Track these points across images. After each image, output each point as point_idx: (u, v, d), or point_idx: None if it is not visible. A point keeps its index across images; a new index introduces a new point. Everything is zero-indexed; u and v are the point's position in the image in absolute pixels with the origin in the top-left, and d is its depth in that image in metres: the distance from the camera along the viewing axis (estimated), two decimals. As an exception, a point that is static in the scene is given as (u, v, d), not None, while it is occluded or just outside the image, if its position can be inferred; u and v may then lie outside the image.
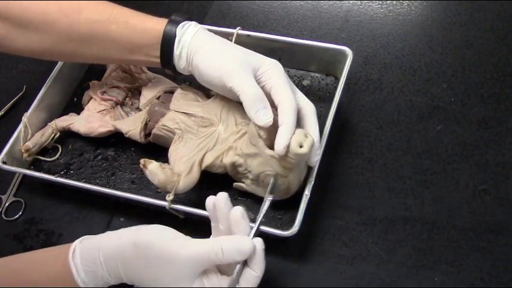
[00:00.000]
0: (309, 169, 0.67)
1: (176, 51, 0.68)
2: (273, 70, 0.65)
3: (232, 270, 0.55)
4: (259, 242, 0.55)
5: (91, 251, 0.57)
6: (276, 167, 0.64)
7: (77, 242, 0.58)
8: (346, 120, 0.78)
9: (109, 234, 0.58)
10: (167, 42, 0.68)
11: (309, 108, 0.66)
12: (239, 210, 0.55)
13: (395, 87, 0.80)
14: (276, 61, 0.66)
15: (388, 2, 0.90)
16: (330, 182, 0.73)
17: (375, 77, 0.82)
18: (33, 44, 0.72)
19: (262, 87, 0.65)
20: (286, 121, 0.61)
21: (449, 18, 0.87)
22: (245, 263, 0.55)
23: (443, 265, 0.65)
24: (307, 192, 0.65)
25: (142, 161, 0.68)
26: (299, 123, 0.65)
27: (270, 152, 0.63)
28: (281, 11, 0.92)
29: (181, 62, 0.69)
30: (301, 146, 0.61)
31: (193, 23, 0.69)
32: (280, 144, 0.60)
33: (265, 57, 0.67)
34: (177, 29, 0.67)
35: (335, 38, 0.86)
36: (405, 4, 0.90)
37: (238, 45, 0.68)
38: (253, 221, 0.59)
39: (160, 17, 0.71)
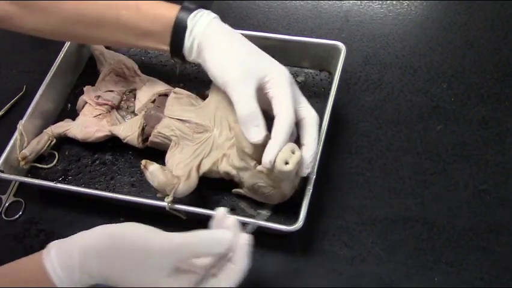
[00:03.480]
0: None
1: (188, 42, 0.67)
2: (278, 79, 0.64)
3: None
4: (243, 237, 0.54)
5: (67, 246, 0.54)
6: (266, 180, 0.64)
7: (51, 243, 0.55)
8: (346, 120, 0.78)
9: (84, 232, 0.56)
10: (178, 32, 0.66)
11: (311, 118, 0.65)
12: (221, 210, 0.56)
13: (395, 87, 0.80)
14: (284, 69, 0.65)
15: (388, 2, 0.90)
16: (330, 182, 0.73)
17: (375, 77, 0.82)
18: (40, 25, 0.71)
19: (266, 94, 0.64)
20: (276, 136, 0.61)
21: (449, 18, 0.87)
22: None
23: (443, 265, 0.65)
24: (309, 187, 0.65)
25: (143, 161, 0.68)
26: (300, 132, 0.65)
27: (257, 167, 0.63)
28: (281, 11, 0.92)
29: (191, 53, 0.68)
30: (287, 163, 0.61)
31: (206, 11, 0.67)
32: (266, 159, 0.60)
33: (274, 62, 0.66)
34: (188, 19, 0.66)
35: (335, 38, 0.86)
36: (405, 4, 0.90)
37: (252, 46, 0.67)
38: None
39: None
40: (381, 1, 0.90)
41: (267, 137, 0.63)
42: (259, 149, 0.63)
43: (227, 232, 0.54)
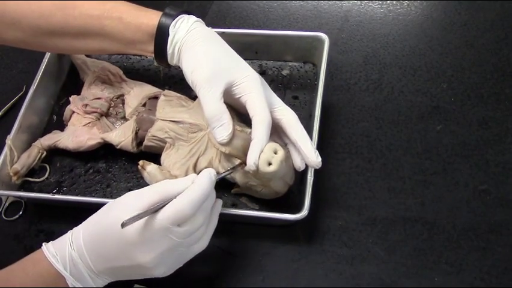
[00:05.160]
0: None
1: (169, 50, 0.67)
2: (248, 83, 0.64)
3: None
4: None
5: (63, 237, 0.59)
6: (255, 179, 0.65)
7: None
8: (346, 120, 0.78)
9: None
10: (161, 40, 0.67)
11: (291, 117, 0.65)
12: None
13: (395, 87, 0.80)
14: (254, 72, 0.65)
15: (388, 2, 0.90)
16: (330, 182, 0.73)
17: (375, 77, 0.82)
18: (28, 37, 0.72)
19: (238, 100, 0.65)
20: (256, 136, 0.61)
21: (449, 18, 0.87)
22: None
23: (443, 265, 0.65)
24: (310, 176, 0.66)
25: (140, 162, 0.68)
26: (284, 132, 0.65)
27: (245, 168, 0.63)
28: (281, 11, 0.92)
29: (173, 59, 0.68)
30: (270, 163, 0.61)
31: (186, 17, 0.67)
32: (249, 160, 0.61)
33: (245, 67, 0.66)
34: (170, 27, 0.66)
35: (335, 37, 0.86)
36: (405, 4, 0.90)
37: (227, 49, 0.67)
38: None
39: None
40: (381, 1, 0.90)
41: (246, 137, 0.63)
42: (243, 149, 0.63)
43: (190, 176, 0.59)
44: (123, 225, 0.52)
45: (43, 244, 0.58)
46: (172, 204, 0.55)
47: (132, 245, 0.54)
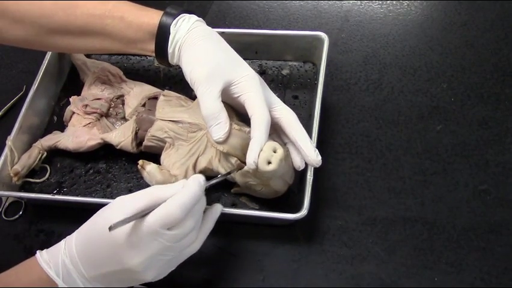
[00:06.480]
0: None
1: (170, 49, 0.68)
2: (246, 82, 0.64)
3: None
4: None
5: (57, 245, 0.59)
6: (254, 178, 0.65)
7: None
8: (346, 120, 0.78)
9: None
10: (162, 39, 0.68)
11: (290, 116, 0.65)
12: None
13: (395, 87, 0.80)
14: (252, 72, 0.65)
15: (388, 2, 0.90)
16: (330, 182, 0.73)
17: (375, 77, 0.82)
18: (30, 36, 0.72)
19: (237, 99, 0.65)
20: (256, 135, 0.61)
21: (449, 18, 0.87)
22: None
23: (443, 265, 0.65)
24: (310, 175, 0.65)
25: (140, 162, 0.68)
26: (284, 131, 0.65)
27: (244, 167, 0.63)
28: (281, 11, 0.92)
29: (173, 58, 0.69)
30: (270, 162, 0.61)
31: (187, 16, 0.68)
32: (249, 159, 0.61)
33: (245, 67, 0.66)
34: (171, 26, 0.67)
35: (335, 38, 0.86)
36: (405, 4, 0.90)
37: (227, 48, 0.67)
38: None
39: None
40: (381, 1, 0.90)
41: (244, 136, 0.63)
42: (242, 148, 0.63)
43: (180, 181, 0.59)
44: (110, 228, 0.52)
45: (37, 251, 0.58)
46: (162, 208, 0.54)
47: (121, 248, 0.54)
